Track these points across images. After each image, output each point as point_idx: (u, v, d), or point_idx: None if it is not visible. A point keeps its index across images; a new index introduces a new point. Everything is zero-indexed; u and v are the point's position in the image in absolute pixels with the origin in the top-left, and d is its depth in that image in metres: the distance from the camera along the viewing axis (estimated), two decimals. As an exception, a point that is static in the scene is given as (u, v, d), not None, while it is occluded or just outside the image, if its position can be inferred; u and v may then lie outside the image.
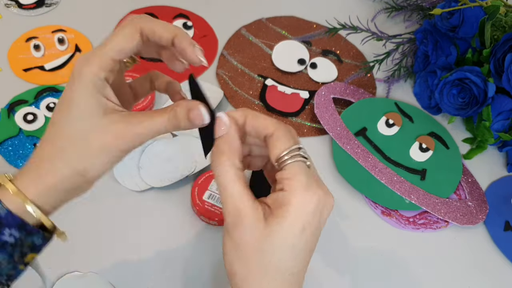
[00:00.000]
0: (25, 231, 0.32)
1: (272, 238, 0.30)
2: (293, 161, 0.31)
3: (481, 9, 0.61)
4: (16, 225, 0.32)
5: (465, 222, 0.57)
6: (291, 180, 0.30)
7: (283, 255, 0.30)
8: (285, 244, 0.30)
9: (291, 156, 0.31)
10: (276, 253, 0.30)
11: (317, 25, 0.76)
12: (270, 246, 0.30)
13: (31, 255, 0.34)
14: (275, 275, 0.30)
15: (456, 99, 0.62)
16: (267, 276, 0.30)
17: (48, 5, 0.71)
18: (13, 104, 0.59)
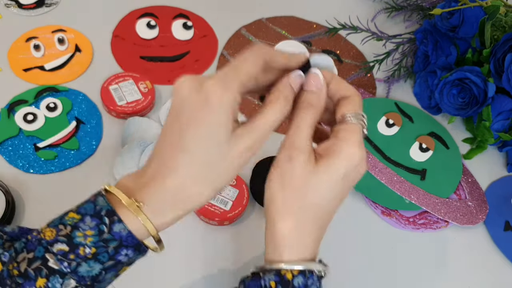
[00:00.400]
0: (139, 251, 0.33)
1: (317, 176, 0.33)
2: (357, 121, 0.34)
3: (481, 9, 0.61)
4: (134, 246, 0.32)
5: (465, 222, 0.57)
6: (350, 133, 0.33)
7: (322, 193, 0.33)
8: (326, 184, 0.33)
9: (355, 117, 0.34)
10: (317, 190, 0.33)
11: (317, 25, 0.76)
12: (314, 183, 0.33)
13: (124, 268, 0.35)
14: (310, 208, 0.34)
15: (456, 99, 0.62)
16: (303, 207, 0.33)
17: (48, 5, 0.71)
18: (13, 104, 0.59)
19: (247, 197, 0.54)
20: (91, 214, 0.32)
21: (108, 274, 0.33)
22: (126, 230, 0.32)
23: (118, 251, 0.32)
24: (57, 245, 0.31)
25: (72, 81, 0.64)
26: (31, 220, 0.52)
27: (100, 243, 0.31)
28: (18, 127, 0.58)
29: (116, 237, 0.32)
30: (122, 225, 0.32)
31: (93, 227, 0.32)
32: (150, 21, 0.70)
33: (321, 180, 0.33)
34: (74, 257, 0.31)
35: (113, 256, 0.32)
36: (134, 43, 0.69)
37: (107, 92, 0.61)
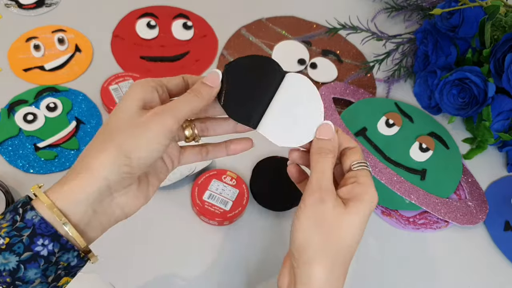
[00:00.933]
0: (60, 244, 0.32)
1: (350, 217, 0.35)
2: (366, 167, 0.38)
3: (481, 9, 0.61)
4: (50, 234, 0.32)
5: (465, 222, 0.57)
6: (367, 178, 0.37)
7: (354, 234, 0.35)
8: (357, 225, 0.35)
9: (364, 164, 0.38)
10: (350, 232, 0.35)
11: (317, 25, 0.76)
12: (347, 224, 0.35)
13: (65, 279, 0.34)
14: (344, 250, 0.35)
15: (456, 99, 0.62)
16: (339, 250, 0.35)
17: (48, 5, 0.71)
18: (13, 104, 0.59)
19: (247, 197, 0.54)
20: (10, 210, 0.33)
21: (30, 271, 0.31)
22: (38, 216, 0.32)
23: (33, 241, 0.31)
24: None
25: (72, 81, 0.64)
26: (31, 220, 0.52)
27: (13, 232, 0.31)
28: (18, 127, 0.58)
29: (28, 225, 0.31)
30: (34, 212, 0.32)
31: (9, 219, 0.32)
32: (150, 21, 0.70)
33: (353, 222, 0.35)
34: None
35: (29, 246, 0.31)
36: (134, 43, 0.69)
37: (107, 92, 0.61)
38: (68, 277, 0.34)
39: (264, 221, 0.55)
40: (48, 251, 0.32)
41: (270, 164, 0.57)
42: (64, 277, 0.34)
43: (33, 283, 0.32)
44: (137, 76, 0.63)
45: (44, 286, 0.33)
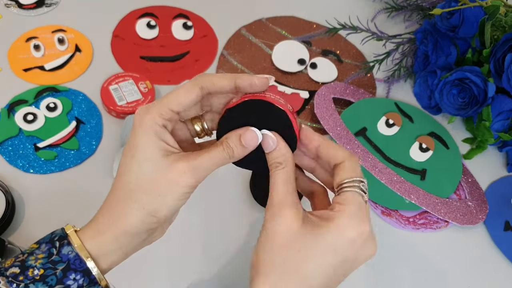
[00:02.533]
0: (89, 279, 0.33)
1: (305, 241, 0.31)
2: (350, 190, 0.33)
3: (481, 9, 0.61)
4: (82, 270, 0.33)
5: (465, 222, 0.57)
6: (342, 205, 0.32)
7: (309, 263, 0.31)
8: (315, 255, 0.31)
9: (350, 185, 0.33)
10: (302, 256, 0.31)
11: (317, 25, 0.76)
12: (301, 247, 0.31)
13: None
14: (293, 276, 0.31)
15: (456, 99, 0.62)
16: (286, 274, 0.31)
17: (48, 5, 0.71)
18: (13, 104, 0.59)
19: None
20: (46, 241, 0.34)
21: None
22: (73, 252, 0.33)
23: (66, 275, 0.32)
24: (11, 269, 0.32)
25: (72, 81, 0.64)
26: (31, 220, 0.52)
27: (48, 265, 0.32)
28: (18, 127, 0.58)
29: (63, 259, 0.33)
30: (70, 248, 0.33)
31: (45, 251, 0.33)
32: (150, 21, 0.70)
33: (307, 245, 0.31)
34: (23, 278, 0.32)
35: (62, 280, 0.32)
36: (134, 43, 0.69)
37: (107, 92, 0.61)
38: None
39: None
40: (78, 285, 0.33)
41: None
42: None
43: None
44: (137, 76, 0.63)
45: None
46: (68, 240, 0.33)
